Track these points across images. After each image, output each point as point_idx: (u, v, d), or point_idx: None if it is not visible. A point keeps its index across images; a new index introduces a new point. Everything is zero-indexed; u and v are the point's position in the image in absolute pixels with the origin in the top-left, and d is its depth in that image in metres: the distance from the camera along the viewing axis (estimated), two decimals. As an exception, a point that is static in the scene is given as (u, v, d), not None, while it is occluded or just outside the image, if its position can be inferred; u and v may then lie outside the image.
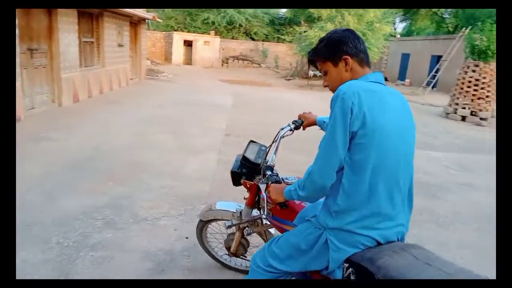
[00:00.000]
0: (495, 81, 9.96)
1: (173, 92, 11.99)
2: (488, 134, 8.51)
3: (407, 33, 32.42)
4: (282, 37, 23.16)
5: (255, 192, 1.98)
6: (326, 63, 1.52)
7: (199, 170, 4.64)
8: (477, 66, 9.91)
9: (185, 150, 5.47)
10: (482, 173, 5.40)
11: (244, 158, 1.95)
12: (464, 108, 10.10)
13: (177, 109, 8.93)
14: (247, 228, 2.08)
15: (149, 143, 5.71)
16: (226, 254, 2.48)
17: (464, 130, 8.81)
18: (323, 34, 2.03)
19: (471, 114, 9.98)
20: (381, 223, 1.38)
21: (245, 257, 2.40)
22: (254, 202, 2.03)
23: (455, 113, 10.26)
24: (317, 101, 12.70)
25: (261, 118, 8.43)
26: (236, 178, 2.01)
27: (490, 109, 9.97)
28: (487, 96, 9.91)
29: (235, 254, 2.30)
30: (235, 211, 2.17)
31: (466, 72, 10.14)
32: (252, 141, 2.13)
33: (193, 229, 3.08)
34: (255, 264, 1.66)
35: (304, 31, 17.78)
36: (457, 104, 10.28)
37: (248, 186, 1.97)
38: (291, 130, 2.02)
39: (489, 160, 6.13)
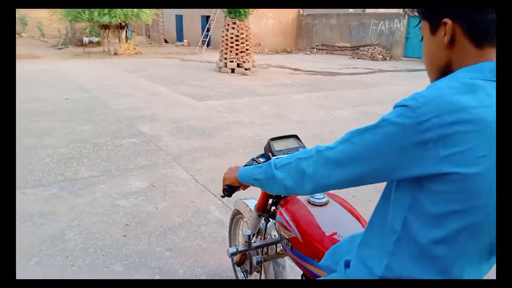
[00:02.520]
0: (251, 36, 11.84)
1: None
2: (249, 81, 10.25)
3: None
4: None
5: (265, 193, 1.57)
6: (423, 22, 0.88)
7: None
8: (234, 23, 11.48)
9: None
10: (247, 112, 6.63)
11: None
12: (232, 61, 11.66)
13: None
14: (256, 256, 1.64)
15: None
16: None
17: (233, 81, 10.29)
18: None
19: (238, 66, 11.66)
20: None
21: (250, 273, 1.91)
22: (265, 205, 1.62)
23: (226, 66, 11.76)
24: (91, 68, 12.06)
25: (30, 95, 7.50)
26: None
27: (251, 60, 11.87)
28: (247, 50, 11.73)
29: (239, 264, 1.98)
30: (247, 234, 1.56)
31: (227, 30, 11.61)
32: (271, 139, 1.57)
33: None
34: None
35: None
36: (225, 58, 11.76)
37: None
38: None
39: (251, 102, 7.54)
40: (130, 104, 6.93)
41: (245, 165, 1.27)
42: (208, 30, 19.62)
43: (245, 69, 11.65)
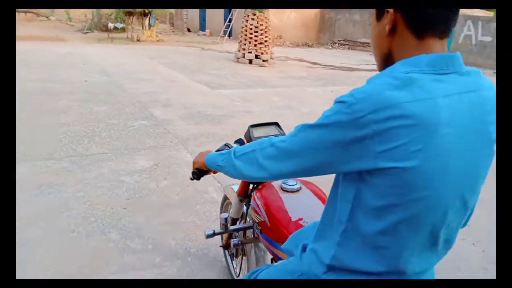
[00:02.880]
0: (270, 28, 11.86)
1: None
2: (266, 72, 10.30)
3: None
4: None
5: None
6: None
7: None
8: (254, 14, 11.52)
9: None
10: (258, 103, 6.72)
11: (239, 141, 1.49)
12: (250, 52, 11.73)
13: None
14: (234, 239, 1.68)
15: None
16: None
17: (250, 71, 10.37)
18: None
19: (256, 57, 11.72)
20: None
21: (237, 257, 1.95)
22: (245, 191, 1.67)
23: (244, 57, 11.83)
24: (114, 53, 12.36)
25: (53, 76, 7.80)
26: None
27: (269, 52, 11.91)
28: (265, 41, 11.76)
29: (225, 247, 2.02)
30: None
31: (247, 20, 11.66)
32: (251, 126, 1.65)
33: None
34: None
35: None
36: (244, 49, 11.83)
37: None
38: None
39: (265, 93, 7.62)
40: (146, 89, 7.12)
41: (217, 150, 1.29)
42: (230, 21, 19.69)
43: (263, 61, 11.70)
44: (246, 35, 11.68)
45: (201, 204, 2.99)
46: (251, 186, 1.66)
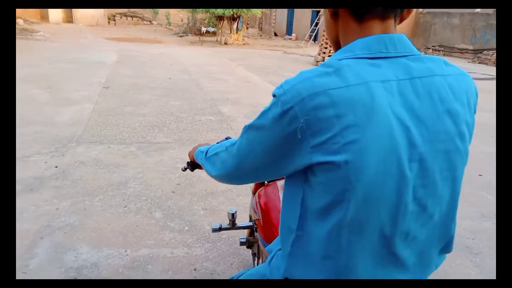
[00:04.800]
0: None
1: (50, 51, 11.29)
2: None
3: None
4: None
5: None
6: None
7: (73, 117, 4.92)
8: (337, 18, 11.36)
9: (59, 103, 5.61)
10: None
11: None
12: (330, 56, 11.59)
13: (53, 67, 8.62)
14: (241, 237, 1.68)
15: (20, 99, 5.67)
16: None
17: (327, 75, 10.23)
18: None
19: (335, 61, 11.54)
20: None
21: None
22: (258, 188, 1.63)
23: (323, 60, 11.73)
24: (200, 54, 13.18)
25: (142, 72, 8.66)
26: None
27: (350, 56, 11.64)
28: (347, 45, 11.53)
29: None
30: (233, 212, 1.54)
31: (329, 24, 11.56)
32: None
33: (64, 161, 3.52)
34: None
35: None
36: (324, 53, 11.74)
37: None
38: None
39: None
40: (220, 88, 7.51)
41: (218, 143, 1.28)
42: (316, 25, 19.63)
43: (342, 65, 11.48)
44: (326, 39, 11.56)
45: (243, 196, 3.10)
46: (266, 183, 1.61)
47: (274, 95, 0.71)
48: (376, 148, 0.66)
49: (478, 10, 17.73)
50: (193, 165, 1.30)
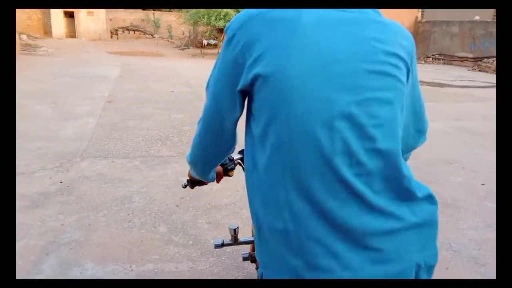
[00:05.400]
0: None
1: (53, 66, 11.43)
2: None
3: None
4: (172, 6, 22.82)
5: None
6: None
7: (76, 132, 4.96)
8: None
9: (63, 117, 5.66)
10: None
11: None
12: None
13: (57, 82, 8.72)
14: (244, 252, 1.62)
15: (24, 114, 5.73)
16: None
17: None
18: None
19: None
20: None
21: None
22: None
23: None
24: (202, 67, 13.29)
25: (144, 86, 8.74)
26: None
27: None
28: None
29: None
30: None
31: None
32: None
33: (69, 176, 3.55)
34: None
35: None
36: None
37: None
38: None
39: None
40: (222, 100, 7.55)
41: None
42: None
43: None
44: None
45: (246, 209, 3.11)
46: None
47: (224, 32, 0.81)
48: (301, 60, 0.69)
49: (477, 17, 17.87)
50: (192, 182, 1.34)
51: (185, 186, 1.38)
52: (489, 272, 2.42)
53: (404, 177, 0.76)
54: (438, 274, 0.97)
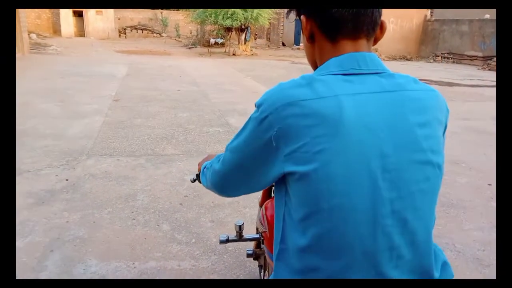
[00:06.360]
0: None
1: (62, 64, 11.55)
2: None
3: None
4: (180, 5, 22.89)
5: (270, 188, 1.57)
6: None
7: (83, 130, 5.01)
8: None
9: (70, 116, 5.72)
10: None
11: None
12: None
13: (65, 80, 8.81)
14: (248, 249, 1.69)
15: (32, 112, 5.81)
16: None
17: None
18: None
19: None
20: None
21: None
22: (264, 200, 1.63)
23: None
24: (209, 66, 13.32)
25: (151, 85, 8.79)
26: None
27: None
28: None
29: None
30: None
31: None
32: None
33: (75, 174, 3.58)
34: None
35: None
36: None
37: None
38: None
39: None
40: (228, 99, 7.57)
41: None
42: (323, 34, 19.71)
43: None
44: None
45: (249, 207, 3.11)
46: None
47: (255, 105, 0.76)
48: (345, 158, 0.68)
49: (488, 16, 17.64)
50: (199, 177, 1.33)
51: (193, 181, 1.39)
52: (493, 273, 2.39)
53: (431, 265, 0.79)
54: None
